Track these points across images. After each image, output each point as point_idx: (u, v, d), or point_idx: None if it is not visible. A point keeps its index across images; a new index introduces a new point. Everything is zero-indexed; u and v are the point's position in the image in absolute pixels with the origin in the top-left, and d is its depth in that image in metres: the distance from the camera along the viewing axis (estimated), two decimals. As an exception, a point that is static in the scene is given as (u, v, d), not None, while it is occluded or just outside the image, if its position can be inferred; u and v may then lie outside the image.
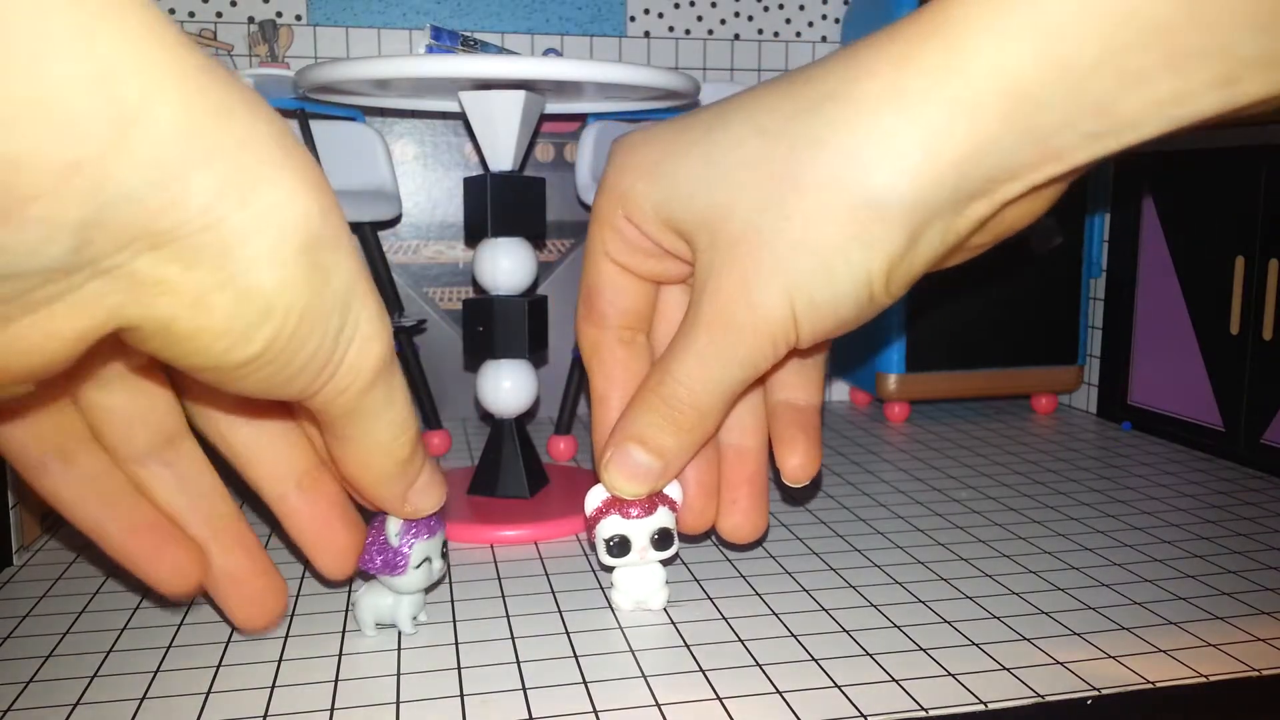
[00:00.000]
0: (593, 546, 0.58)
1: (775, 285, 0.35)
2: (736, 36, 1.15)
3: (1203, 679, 0.51)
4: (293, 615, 0.59)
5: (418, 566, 0.53)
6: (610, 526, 0.55)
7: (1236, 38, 0.26)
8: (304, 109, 0.94)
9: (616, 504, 0.54)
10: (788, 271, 0.34)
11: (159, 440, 0.42)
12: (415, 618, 0.56)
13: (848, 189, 0.32)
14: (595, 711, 0.48)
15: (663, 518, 0.54)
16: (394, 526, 0.52)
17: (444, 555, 0.55)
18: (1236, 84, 0.26)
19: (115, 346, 0.30)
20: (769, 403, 0.50)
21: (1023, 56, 0.28)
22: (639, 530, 0.55)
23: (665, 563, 0.58)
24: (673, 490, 0.54)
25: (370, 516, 0.50)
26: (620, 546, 0.55)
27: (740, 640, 0.55)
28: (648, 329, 0.50)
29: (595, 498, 0.55)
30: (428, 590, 0.57)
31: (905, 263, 0.33)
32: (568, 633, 0.57)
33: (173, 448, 0.43)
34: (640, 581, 0.58)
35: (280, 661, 0.53)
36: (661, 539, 0.55)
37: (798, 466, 0.49)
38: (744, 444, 0.52)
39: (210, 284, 0.24)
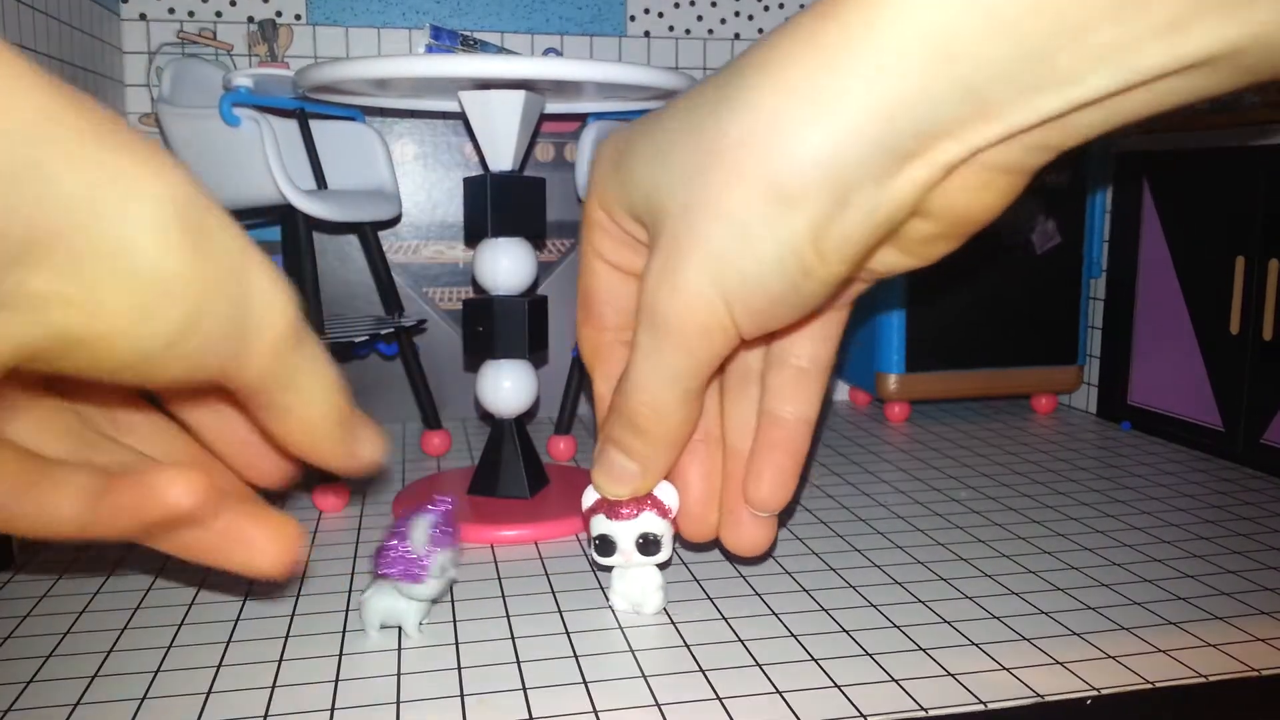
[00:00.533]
0: (589, 542, 0.58)
1: (694, 261, 0.33)
2: (737, 36, 1.15)
3: (1202, 679, 0.51)
4: (293, 615, 0.59)
5: (436, 577, 0.53)
6: (597, 525, 0.56)
7: None
8: (303, 109, 0.94)
9: (606, 504, 0.54)
10: (706, 244, 0.32)
11: (81, 443, 0.39)
12: (420, 623, 0.56)
13: (760, 148, 0.30)
14: (595, 711, 0.48)
15: (647, 522, 0.54)
16: (420, 536, 0.53)
17: (456, 564, 0.55)
18: (1183, 30, 0.25)
19: None
20: (760, 408, 0.47)
21: (945, 2, 0.26)
22: (623, 532, 0.55)
23: (661, 567, 0.58)
24: (668, 496, 0.53)
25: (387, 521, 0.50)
26: (603, 545, 0.56)
27: (740, 640, 0.55)
28: None
29: (590, 495, 0.56)
30: (435, 600, 0.57)
31: (837, 228, 0.30)
32: (568, 633, 0.57)
33: (106, 436, 0.40)
34: (634, 584, 0.58)
35: (280, 661, 0.53)
36: (646, 544, 0.55)
37: (763, 499, 0.46)
38: (747, 449, 0.49)
39: (102, 280, 0.23)
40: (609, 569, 0.58)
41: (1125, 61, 0.25)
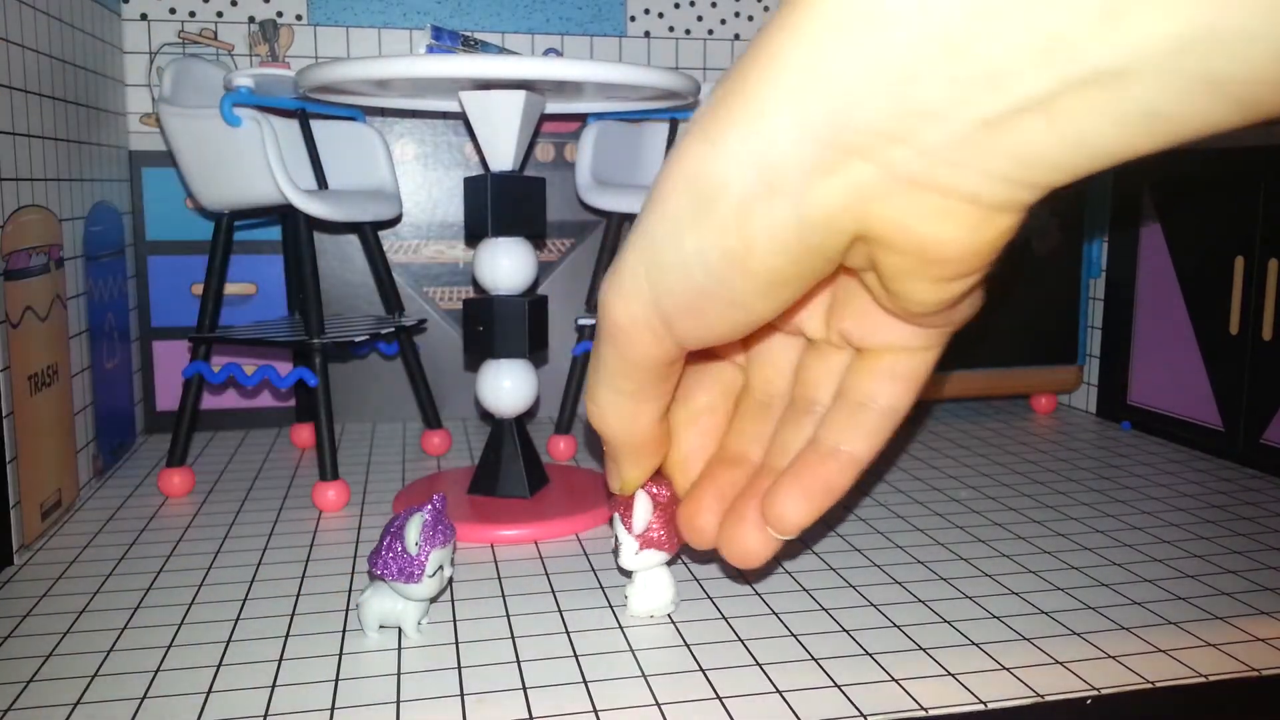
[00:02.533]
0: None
1: (632, 255, 0.33)
2: (737, 36, 1.15)
3: (1202, 679, 0.51)
4: (293, 615, 0.59)
5: (432, 575, 0.53)
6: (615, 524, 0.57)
7: None
8: (304, 109, 0.94)
9: (619, 505, 0.56)
10: (645, 240, 0.32)
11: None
12: (420, 623, 0.56)
13: (692, 145, 0.30)
14: (595, 711, 0.48)
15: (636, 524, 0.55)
16: (413, 535, 0.53)
17: (452, 562, 0.56)
18: (1119, 17, 0.22)
19: None
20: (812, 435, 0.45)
21: None
22: (625, 536, 0.56)
23: (669, 564, 0.58)
24: (639, 511, 0.55)
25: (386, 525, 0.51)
26: (615, 550, 0.57)
27: (740, 640, 0.55)
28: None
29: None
30: (433, 599, 0.57)
31: (762, 214, 0.29)
32: (568, 632, 0.57)
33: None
34: (649, 591, 0.58)
35: (280, 661, 0.53)
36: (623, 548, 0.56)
37: (779, 516, 0.44)
38: (765, 461, 0.47)
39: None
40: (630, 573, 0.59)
41: (1058, 54, 0.23)
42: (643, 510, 0.54)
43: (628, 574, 0.59)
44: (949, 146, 0.26)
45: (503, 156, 0.75)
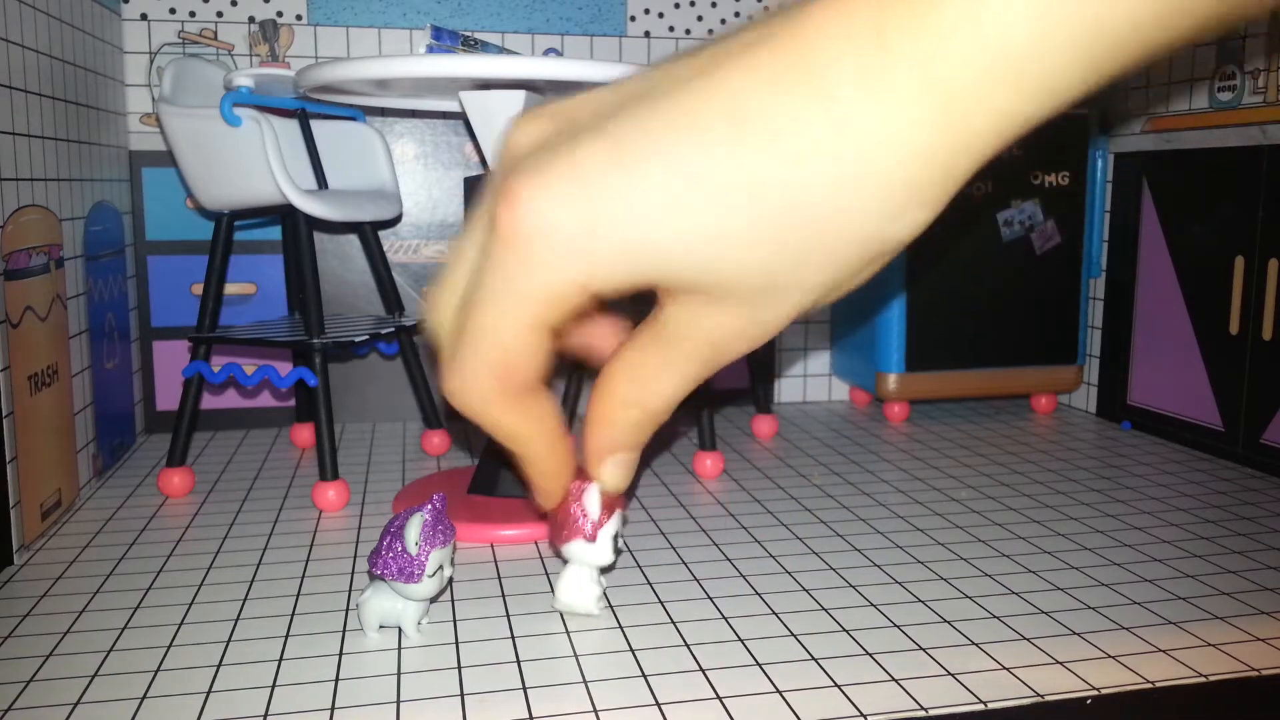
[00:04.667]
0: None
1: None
2: (737, 36, 1.15)
3: (1202, 679, 0.51)
4: (293, 615, 0.59)
5: (432, 575, 0.53)
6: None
7: None
8: (304, 109, 0.94)
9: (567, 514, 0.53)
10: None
11: None
12: (419, 622, 0.56)
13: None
14: (595, 711, 0.48)
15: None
16: (413, 535, 0.53)
17: (452, 562, 0.56)
18: None
19: None
20: None
21: None
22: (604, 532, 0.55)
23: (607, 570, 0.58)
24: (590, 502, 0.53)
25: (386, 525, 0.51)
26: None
27: (740, 639, 0.55)
28: None
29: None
30: (433, 598, 0.57)
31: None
32: (568, 632, 0.57)
33: None
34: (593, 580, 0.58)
35: (280, 660, 0.53)
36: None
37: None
38: None
39: None
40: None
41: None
42: (597, 500, 0.52)
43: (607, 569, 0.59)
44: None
45: (503, 156, 0.75)
